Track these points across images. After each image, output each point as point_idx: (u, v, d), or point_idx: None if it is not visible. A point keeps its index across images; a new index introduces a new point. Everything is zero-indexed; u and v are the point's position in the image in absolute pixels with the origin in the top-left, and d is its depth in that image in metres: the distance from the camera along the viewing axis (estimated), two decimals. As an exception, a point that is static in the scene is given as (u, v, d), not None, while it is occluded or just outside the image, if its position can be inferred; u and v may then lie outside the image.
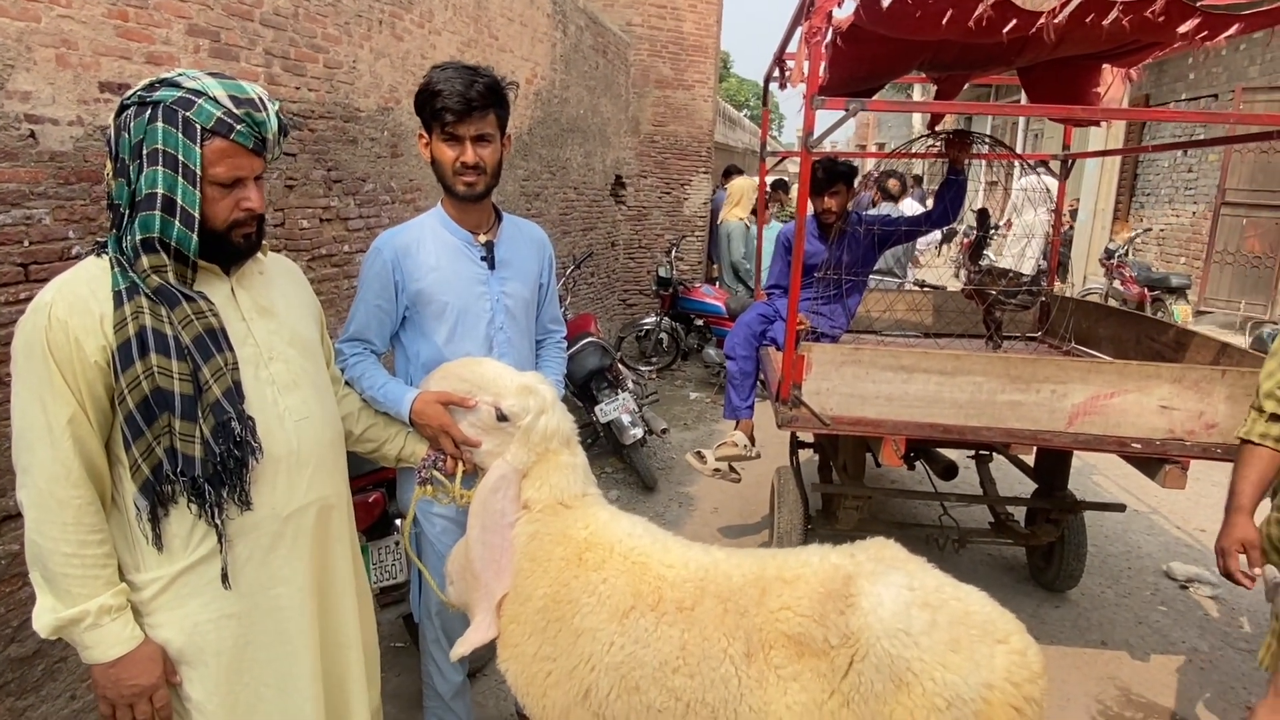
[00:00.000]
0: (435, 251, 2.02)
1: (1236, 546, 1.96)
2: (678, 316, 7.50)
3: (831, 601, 1.47)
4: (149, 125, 1.34)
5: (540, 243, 2.24)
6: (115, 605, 1.37)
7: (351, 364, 1.99)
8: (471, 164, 1.93)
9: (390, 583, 2.59)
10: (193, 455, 1.37)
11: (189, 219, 1.37)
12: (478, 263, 2.06)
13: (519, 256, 2.14)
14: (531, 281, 2.17)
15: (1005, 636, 1.47)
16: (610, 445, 4.99)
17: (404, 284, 2.01)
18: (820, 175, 3.46)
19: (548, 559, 1.69)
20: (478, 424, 1.79)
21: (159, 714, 1.42)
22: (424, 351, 2.06)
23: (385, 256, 2.00)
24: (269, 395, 1.50)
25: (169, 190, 1.35)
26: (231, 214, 1.43)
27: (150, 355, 1.34)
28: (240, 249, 1.48)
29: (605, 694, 1.58)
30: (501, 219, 2.15)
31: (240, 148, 1.40)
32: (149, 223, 1.36)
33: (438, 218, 2.08)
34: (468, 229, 2.06)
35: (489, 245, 2.07)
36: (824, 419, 2.53)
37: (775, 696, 1.46)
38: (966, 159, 3.46)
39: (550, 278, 2.28)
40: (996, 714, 1.41)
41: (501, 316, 2.09)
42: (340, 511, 1.65)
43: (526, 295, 2.15)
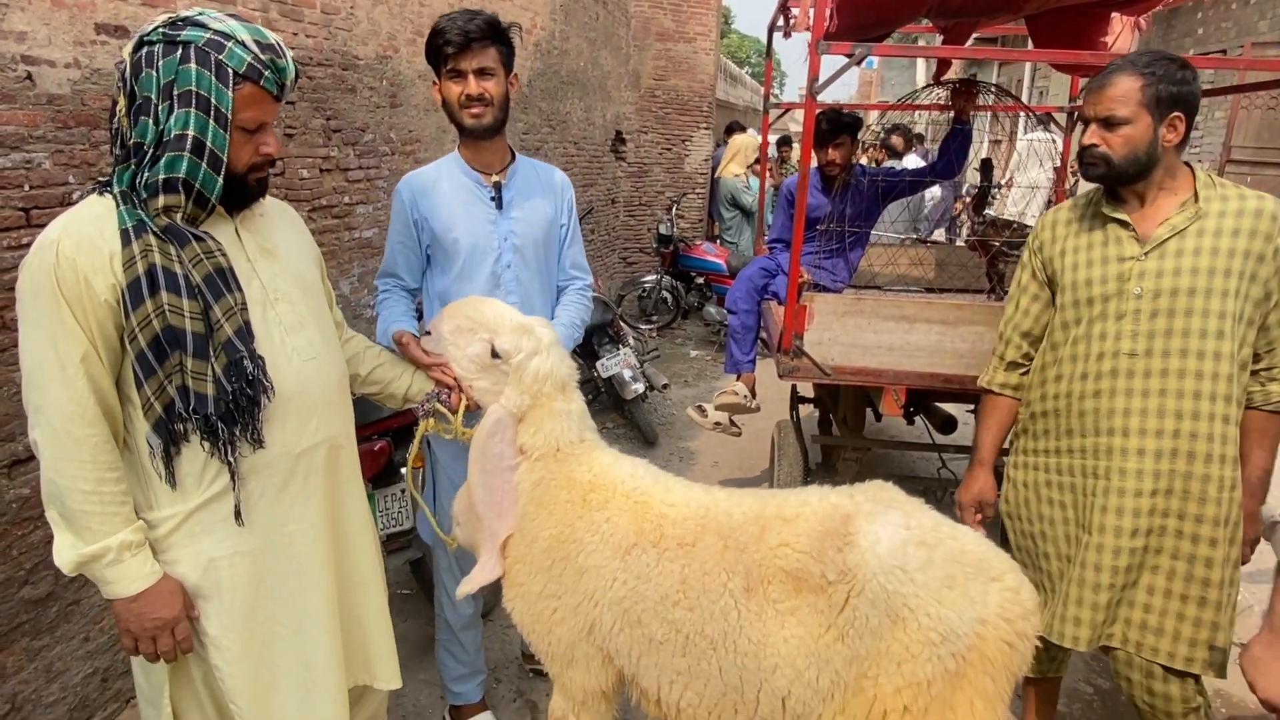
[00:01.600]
0: (450, 192, 2.10)
1: (972, 502, 2.08)
2: (678, 274, 7.47)
3: (830, 539, 1.50)
4: (181, 66, 1.34)
5: (559, 186, 2.25)
6: (135, 541, 1.40)
7: (379, 300, 2.15)
8: (475, 95, 1.99)
9: (396, 529, 2.63)
10: (205, 393, 1.39)
11: (216, 162, 1.39)
12: (486, 203, 2.11)
13: (530, 198, 2.16)
14: (544, 222, 2.18)
15: (999, 574, 1.50)
16: (611, 400, 5.02)
17: (422, 223, 2.10)
18: (824, 127, 3.42)
19: (553, 503, 1.72)
20: (475, 360, 1.81)
21: (180, 646, 1.46)
22: (437, 286, 2.16)
23: (404, 196, 2.10)
24: (276, 336, 1.52)
25: (200, 133, 1.35)
26: (251, 158, 1.45)
27: (161, 293, 1.35)
28: (254, 192, 1.50)
29: (609, 628, 1.63)
30: (516, 160, 2.17)
31: (266, 93, 1.41)
32: (176, 163, 1.36)
33: (453, 160, 2.15)
34: (480, 169, 2.12)
35: (497, 186, 2.12)
36: (825, 369, 2.54)
37: (773, 629, 1.50)
38: (972, 109, 3.42)
39: (571, 220, 2.29)
40: (989, 649, 1.46)
41: (510, 254, 2.12)
42: (349, 451, 1.68)
43: (537, 235, 2.16)
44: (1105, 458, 1.81)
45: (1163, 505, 1.78)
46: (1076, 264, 1.87)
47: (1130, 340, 1.78)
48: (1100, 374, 1.82)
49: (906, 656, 1.44)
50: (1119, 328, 1.80)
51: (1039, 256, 1.99)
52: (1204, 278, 1.72)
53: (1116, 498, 1.79)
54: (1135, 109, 1.73)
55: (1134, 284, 1.78)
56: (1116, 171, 1.78)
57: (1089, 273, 1.84)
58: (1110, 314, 1.81)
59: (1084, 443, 1.86)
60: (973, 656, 1.45)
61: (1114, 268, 1.81)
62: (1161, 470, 1.77)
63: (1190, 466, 1.75)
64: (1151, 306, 1.76)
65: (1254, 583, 3.47)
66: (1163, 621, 1.80)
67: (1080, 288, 1.86)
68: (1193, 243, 1.74)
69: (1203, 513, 1.75)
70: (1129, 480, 1.78)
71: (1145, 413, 1.77)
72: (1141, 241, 1.79)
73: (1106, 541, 1.80)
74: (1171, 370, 1.75)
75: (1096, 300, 1.83)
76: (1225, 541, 1.74)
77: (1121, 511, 1.79)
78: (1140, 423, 1.77)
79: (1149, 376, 1.77)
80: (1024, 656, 1.50)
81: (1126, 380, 1.79)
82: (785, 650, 1.49)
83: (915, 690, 1.44)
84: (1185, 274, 1.74)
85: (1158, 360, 1.76)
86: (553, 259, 2.24)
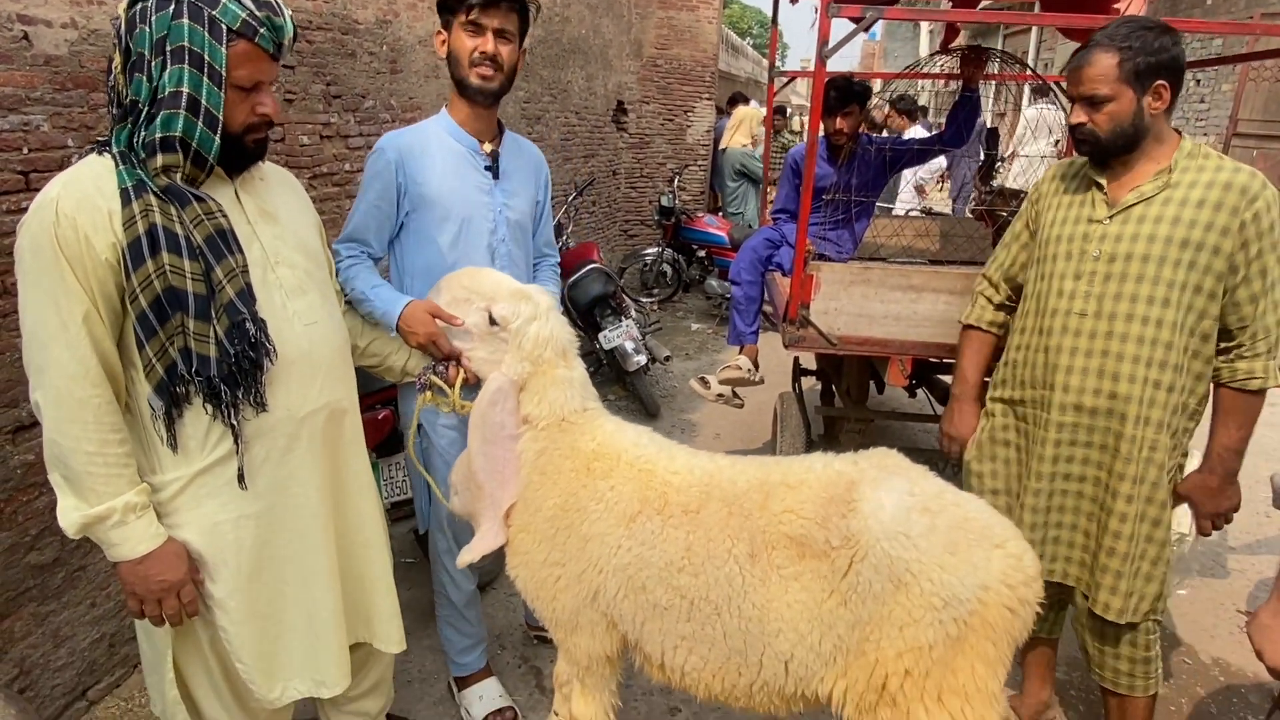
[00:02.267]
0: (440, 157, 2.00)
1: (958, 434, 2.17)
2: (680, 247, 7.43)
3: (834, 505, 1.51)
4: (173, 21, 1.31)
5: (538, 162, 2.22)
6: (140, 503, 1.40)
7: (345, 265, 1.98)
8: (490, 54, 1.91)
9: (400, 498, 2.64)
10: (208, 355, 1.39)
11: (212, 120, 1.36)
12: (482, 172, 2.04)
13: (520, 172, 2.13)
14: (530, 199, 2.16)
15: (1002, 541, 1.51)
16: (613, 372, 5.01)
17: (407, 186, 1.99)
18: (833, 95, 3.37)
19: (557, 472, 1.72)
20: (473, 329, 1.80)
21: (186, 608, 1.47)
22: (422, 259, 2.04)
23: (389, 156, 1.97)
24: (277, 299, 1.51)
25: (194, 90, 1.34)
26: (247, 118, 1.42)
27: (162, 253, 1.34)
28: (251, 153, 1.48)
29: (613, 595, 1.64)
30: (504, 132, 2.12)
31: (262, 51, 1.39)
32: (171, 121, 1.34)
33: (443, 124, 2.05)
34: (473, 135, 2.04)
35: (494, 154, 2.05)
36: (831, 338, 2.53)
37: (776, 594, 1.51)
38: (981, 77, 3.38)
39: (546, 199, 2.26)
40: (991, 614, 1.46)
41: (504, 228, 2.08)
42: (351, 416, 1.68)
43: (525, 210, 2.13)
44: (1044, 409, 1.94)
45: (1081, 455, 1.92)
46: (1053, 220, 1.95)
47: (1082, 300, 1.86)
48: (1052, 330, 1.90)
49: (908, 621, 1.45)
50: (1074, 287, 1.87)
51: (1035, 207, 2.06)
52: (1159, 245, 1.77)
53: (1048, 447, 1.93)
54: (1116, 85, 1.76)
55: (1094, 246, 1.85)
56: (1105, 147, 1.82)
57: (1060, 230, 1.92)
58: (1069, 273, 1.88)
59: (1032, 394, 1.97)
60: (975, 621, 1.45)
61: (1081, 228, 1.88)
62: (1092, 425, 1.88)
63: (1121, 426, 1.84)
64: (1106, 270, 1.83)
65: (1254, 554, 3.49)
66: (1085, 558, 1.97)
67: (1050, 244, 1.93)
68: (1156, 210, 1.79)
69: (1124, 470, 1.85)
70: (1055, 431, 1.92)
71: (1086, 371, 1.86)
72: (1110, 205, 1.85)
73: (1041, 486, 1.96)
74: (1115, 333, 1.82)
75: (1060, 258, 1.90)
76: (1140, 499, 1.85)
77: (1043, 459, 1.94)
78: (1080, 381, 1.87)
79: (1093, 337, 1.85)
80: (1025, 622, 1.51)
81: (1073, 339, 1.87)
82: (789, 615, 1.50)
83: (917, 654, 1.45)
84: (1142, 240, 1.79)
85: (1104, 322, 1.83)
86: (530, 238, 2.21)
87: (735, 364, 3.55)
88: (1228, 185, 1.74)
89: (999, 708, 1.51)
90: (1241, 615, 3.03)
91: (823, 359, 4.01)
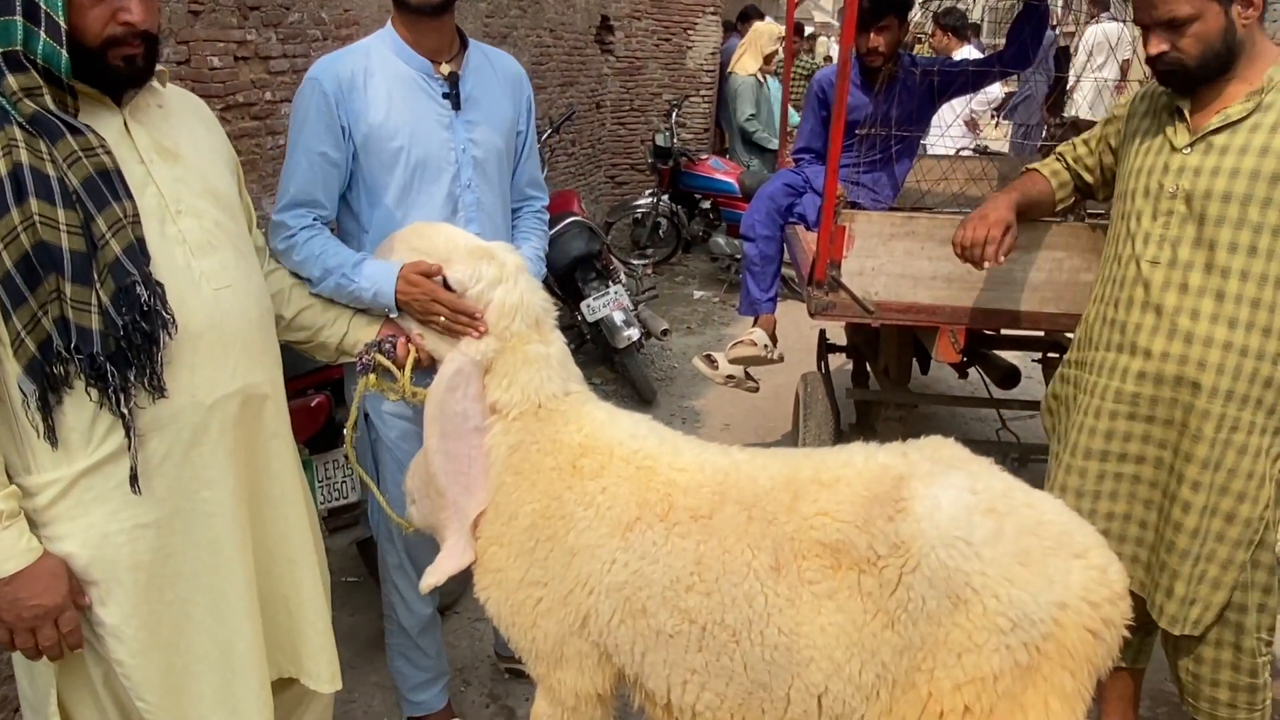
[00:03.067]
0: (385, 85, 1.95)
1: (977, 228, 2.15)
2: (679, 197, 7.40)
3: (878, 506, 1.49)
4: None
5: (516, 79, 2.17)
6: (5, 511, 1.37)
7: (302, 240, 1.90)
8: None
9: (340, 503, 2.62)
10: (89, 328, 1.35)
11: (54, 28, 1.32)
12: (439, 100, 2.00)
13: (490, 95, 2.08)
14: (505, 128, 2.11)
15: (1083, 550, 1.50)
16: (599, 350, 5.01)
17: (350, 127, 1.94)
18: (866, 5, 3.32)
19: (535, 471, 1.71)
20: None
21: (66, 640, 1.44)
22: (376, 216, 2.01)
23: (325, 88, 1.92)
24: (179, 257, 1.48)
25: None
26: (106, 27, 1.38)
27: (29, 200, 1.31)
28: (121, 74, 1.43)
29: (607, 620, 1.63)
30: (468, 46, 2.07)
31: None
32: (10, 30, 1.31)
33: (387, 42, 2.00)
34: (425, 55, 1.99)
35: (453, 78, 2.00)
36: (868, 305, 2.52)
37: (808, 617, 1.50)
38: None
39: (529, 126, 2.22)
40: (1069, 638, 1.46)
41: (469, 171, 2.03)
42: (274, 403, 1.66)
43: (499, 145, 2.09)
44: (1100, 374, 1.96)
45: (1142, 431, 1.92)
46: (1135, 150, 1.98)
47: (1156, 246, 1.87)
48: (1123, 280, 1.93)
49: (969, 646, 1.44)
50: (1149, 230, 1.89)
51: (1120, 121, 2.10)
52: (1244, 181, 1.77)
53: (1102, 419, 1.95)
54: (1198, 1, 1.74)
55: (1171, 181, 1.85)
56: (1197, 75, 1.82)
57: (1138, 161, 1.95)
58: (1146, 212, 1.90)
59: (1090, 355, 2.01)
60: (1049, 647, 1.45)
61: (1160, 159, 1.90)
62: (1156, 396, 1.89)
63: (1193, 398, 1.84)
64: (1185, 210, 1.83)
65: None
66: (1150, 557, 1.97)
67: (1127, 178, 1.97)
68: (1243, 139, 1.79)
69: (1192, 451, 1.86)
70: (1114, 401, 1.93)
71: (1156, 331, 1.86)
72: (1192, 132, 1.85)
73: (1087, 465, 1.98)
74: (1192, 287, 1.83)
75: (1138, 194, 1.93)
76: (1212, 488, 1.84)
77: (1094, 433, 1.96)
78: (1147, 342, 1.88)
79: (1166, 289, 1.85)
80: (1110, 648, 1.51)
81: (1143, 292, 1.89)
82: (822, 640, 1.50)
83: (978, 687, 1.45)
84: (1224, 175, 1.79)
85: (1179, 273, 1.84)
86: (508, 175, 2.17)
87: (749, 338, 3.53)
88: None
89: (1078, 752, 1.51)
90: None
91: (855, 331, 4.00)
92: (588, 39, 7.45)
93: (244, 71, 3.29)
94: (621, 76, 8.31)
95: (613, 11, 7.87)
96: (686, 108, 8.46)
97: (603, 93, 7.99)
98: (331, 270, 1.85)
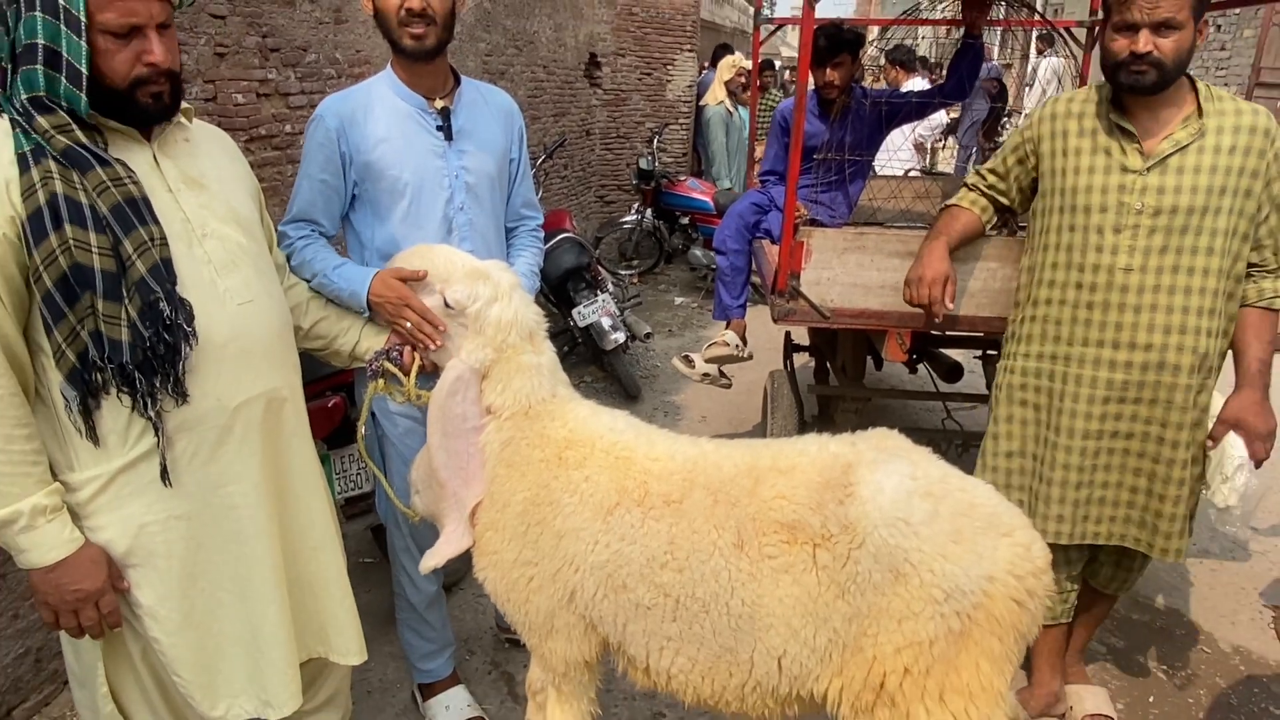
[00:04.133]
0: (385, 120, 1.96)
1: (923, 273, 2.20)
2: (661, 214, 7.38)
3: (829, 490, 1.50)
4: None
5: (508, 112, 2.17)
6: (50, 505, 1.37)
7: (300, 247, 1.94)
8: (418, 10, 1.85)
9: (355, 492, 2.61)
10: (119, 340, 1.35)
11: (75, 75, 1.31)
12: (432, 132, 2.00)
13: (482, 126, 2.08)
14: (497, 155, 2.11)
15: (1010, 530, 1.51)
16: (589, 352, 5.00)
17: (351, 156, 1.95)
18: (823, 44, 3.33)
19: (525, 463, 1.70)
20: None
21: (106, 620, 1.44)
22: (379, 235, 2.01)
23: (329, 124, 1.93)
24: (205, 275, 1.47)
25: (51, 40, 1.29)
26: (133, 69, 1.37)
27: (65, 226, 1.30)
28: (150, 111, 1.42)
29: (591, 594, 1.63)
30: (460, 83, 2.07)
31: None
32: (32, 79, 1.30)
33: (387, 82, 2.00)
34: (421, 93, 1.99)
35: (445, 112, 2.01)
36: (824, 311, 2.53)
37: (768, 589, 1.51)
38: (985, 24, 3.36)
39: (522, 153, 2.22)
40: (997, 607, 1.47)
41: (461, 195, 2.03)
42: (294, 405, 1.65)
43: (491, 171, 2.09)
44: (1078, 365, 2.02)
45: (1131, 411, 2.02)
46: (1078, 168, 2.00)
47: (1127, 255, 1.94)
48: (1095, 285, 1.98)
49: (908, 614, 1.45)
50: (1116, 241, 1.94)
51: (1032, 144, 2.12)
52: (1203, 196, 1.88)
53: (1095, 405, 2.01)
54: (1188, 13, 1.81)
55: (1135, 199, 1.92)
56: (1167, 78, 1.85)
57: (1089, 179, 1.98)
58: (1108, 226, 1.95)
59: (1069, 350, 2.04)
60: (979, 615, 1.46)
61: (1115, 178, 1.94)
62: (1143, 380, 1.98)
63: (1175, 379, 1.96)
64: (1151, 224, 1.91)
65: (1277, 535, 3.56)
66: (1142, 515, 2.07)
67: (1080, 193, 1.99)
68: (1194, 160, 1.88)
69: (1182, 420, 1.98)
70: (1104, 388, 2.00)
71: (1136, 326, 1.95)
72: (1145, 155, 1.92)
73: (1085, 445, 2.04)
74: (1164, 286, 1.93)
75: (1094, 209, 1.97)
76: (1184, 445, 2.00)
77: (1089, 416, 2.02)
78: (1130, 336, 1.96)
79: (1142, 292, 1.94)
80: (1034, 616, 1.52)
81: (1120, 295, 1.96)
82: (780, 610, 1.50)
83: (916, 650, 1.46)
84: (1186, 192, 1.88)
85: (1151, 276, 1.93)
86: (501, 198, 2.17)
87: (721, 339, 3.53)
88: (1252, 129, 1.88)
89: (1005, 707, 1.52)
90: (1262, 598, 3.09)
91: (816, 334, 4.02)
92: (577, 74, 7.43)
93: (266, 107, 3.27)
94: (608, 107, 8.29)
95: (600, 49, 7.85)
96: (667, 135, 8.43)
97: (591, 122, 7.97)
98: (318, 272, 1.89)
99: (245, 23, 3.11)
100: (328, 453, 2.54)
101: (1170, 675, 2.68)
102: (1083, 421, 2.02)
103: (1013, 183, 2.21)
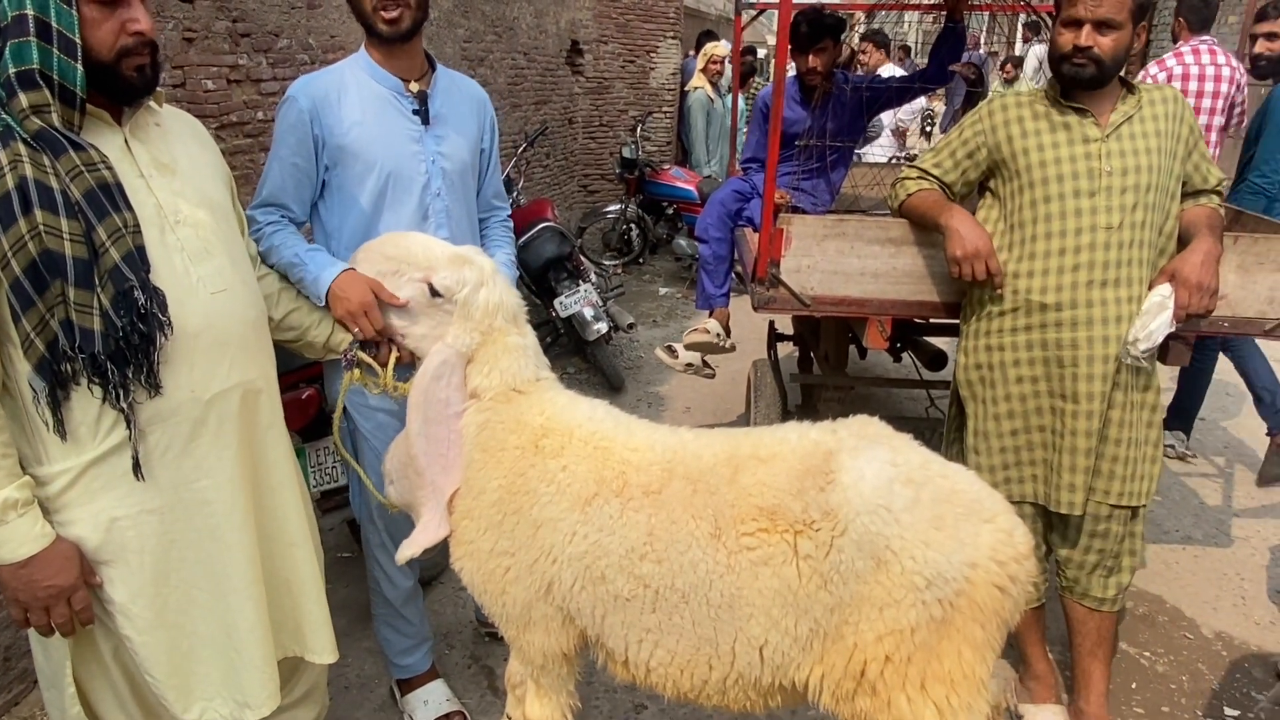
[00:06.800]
0: (359, 102, 1.94)
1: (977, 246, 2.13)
2: (645, 203, 7.37)
3: (810, 478, 1.50)
4: None
5: (480, 102, 2.16)
6: (21, 499, 1.35)
7: (267, 233, 1.91)
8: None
9: (331, 486, 2.60)
10: (91, 329, 1.33)
11: (69, 45, 1.30)
12: (409, 116, 1.98)
13: (456, 114, 2.07)
14: (472, 143, 2.10)
15: (992, 516, 1.52)
16: (571, 343, 4.99)
17: (325, 139, 1.92)
18: (804, 30, 3.33)
19: (501, 449, 1.69)
20: (411, 304, 1.76)
21: (79, 617, 1.43)
22: (349, 223, 1.99)
23: (301, 105, 1.90)
24: (178, 264, 1.46)
25: (40, 10, 1.27)
26: (118, 39, 1.36)
27: (35, 211, 1.28)
28: (135, 84, 1.41)
29: (569, 586, 1.63)
30: (435, 69, 2.05)
31: None
32: (24, 52, 1.28)
33: (361, 64, 1.98)
34: (396, 75, 1.97)
35: (422, 96, 1.99)
36: (804, 299, 2.52)
37: (747, 581, 1.51)
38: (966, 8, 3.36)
39: (493, 144, 2.21)
40: (980, 594, 1.48)
41: (439, 181, 2.02)
42: (269, 397, 1.64)
43: (466, 158, 2.08)
44: (1085, 328, 2.08)
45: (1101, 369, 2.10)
46: (1041, 144, 2.12)
47: (1106, 214, 2.05)
48: (1080, 248, 2.07)
49: (889, 602, 1.46)
50: (1094, 203, 2.06)
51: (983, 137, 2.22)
52: (1154, 156, 2.06)
53: (1100, 365, 2.07)
54: (1126, 15, 2.00)
55: (1103, 162, 2.06)
56: (1105, 73, 2.03)
57: (1056, 152, 2.10)
58: (1083, 191, 2.07)
59: (1060, 316, 2.09)
60: (961, 602, 1.47)
61: (1080, 148, 2.09)
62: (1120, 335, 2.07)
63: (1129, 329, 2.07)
64: (1121, 183, 2.05)
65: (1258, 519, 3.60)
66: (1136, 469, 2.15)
67: (1049, 165, 2.10)
68: (1139, 127, 2.08)
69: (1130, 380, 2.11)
70: (1111, 347, 2.07)
71: (1119, 282, 2.06)
72: (1101, 127, 2.09)
73: (1095, 408, 2.09)
74: (1136, 240, 2.06)
75: (1067, 177, 2.08)
76: (1154, 389, 2.17)
77: (1091, 379, 2.08)
78: (1124, 292, 2.06)
79: (1122, 248, 2.06)
80: (1016, 602, 1.53)
81: (1104, 253, 2.06)
82: (761, 601, 1.51)
83: (898, 638, 1.47)
84: (1141, 154, 2.06)
85: (1128, 232, 2.05)
86: (474, 188, 2.16)
87: (702, 327, 3.54)
88: (1174, 98, 2.13)
89: (987, 695, 1.54)
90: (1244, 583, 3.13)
91: (799, 322, 4.02)
92: (559, 61, 7.39)
93: (237, 93, 3.22)
94: (591, 95, 8.25)
95: (582, 36, 7.81)
96: (650, 123, 8.42)
97: (574, 110, 7.93)
98: (284, 256, 1.88)
99: (215, 7, 3.06)
100: (302, 446, 2.53)
101: (1152, 661, 2.72)
102: (1091, 384, 2.08)
103: (959, 176, 2.30)
